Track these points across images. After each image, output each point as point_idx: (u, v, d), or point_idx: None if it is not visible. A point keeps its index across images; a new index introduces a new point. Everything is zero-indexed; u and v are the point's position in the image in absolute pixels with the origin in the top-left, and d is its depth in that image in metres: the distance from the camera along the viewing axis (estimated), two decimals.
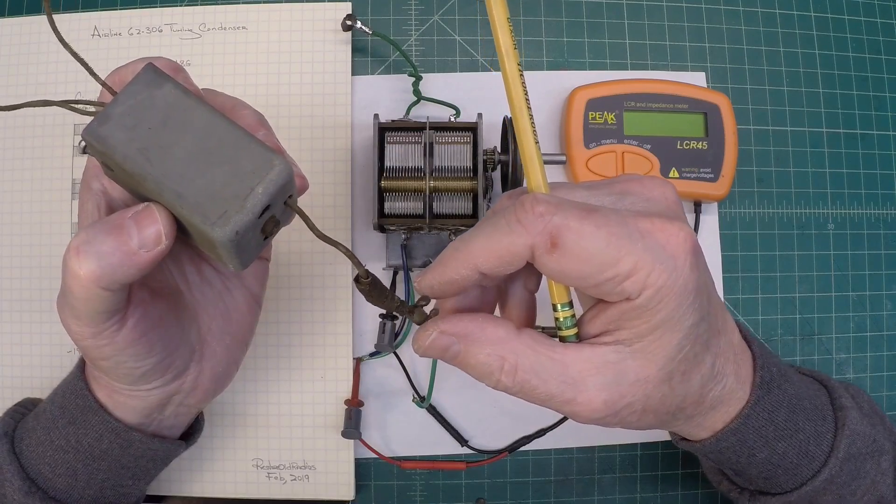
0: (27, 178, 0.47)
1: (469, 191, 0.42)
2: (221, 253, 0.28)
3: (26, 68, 0.47)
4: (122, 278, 0.28)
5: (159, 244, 0.28)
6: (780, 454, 0.34)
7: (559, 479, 0.47)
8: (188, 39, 0.48)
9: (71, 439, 0.35)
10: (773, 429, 0.33)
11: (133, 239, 0.27)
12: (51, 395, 0.37)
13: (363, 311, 0.47)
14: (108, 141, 0.27)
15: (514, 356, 0.28)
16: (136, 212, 0.28)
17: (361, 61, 0.49)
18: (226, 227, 0.26)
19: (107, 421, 0.34)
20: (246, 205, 0.26)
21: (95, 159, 0.31)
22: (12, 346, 0.46)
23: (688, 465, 0.48)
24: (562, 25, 0.49)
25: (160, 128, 0.27)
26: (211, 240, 0.27)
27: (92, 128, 0.27)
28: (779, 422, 0.33)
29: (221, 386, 0.38)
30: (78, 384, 0.35)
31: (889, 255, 0.50)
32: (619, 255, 0.26)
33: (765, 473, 0.35)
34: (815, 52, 0.50)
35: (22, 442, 0.36)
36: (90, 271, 0.27)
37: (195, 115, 0.28)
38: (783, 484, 0.36)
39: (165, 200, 0.27)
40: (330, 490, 0.46)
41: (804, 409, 0.34)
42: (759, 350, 0.34)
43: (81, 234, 0.28)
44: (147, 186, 0.27)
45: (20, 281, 0.47)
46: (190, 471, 0.46)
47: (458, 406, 0.47)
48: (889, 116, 0.51)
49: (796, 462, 0.34)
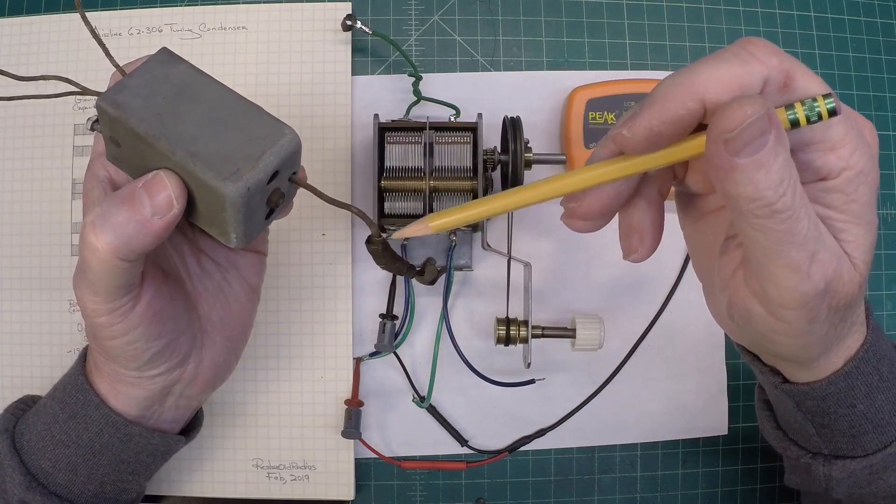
0: (27, 178, 0.47)
1: (469, 191, 0.42)
2: (228, 217, 0.28)
3: (26, 68, 0.47)
4: (139, 247, 0.28)
5: (171, 209, 0.28)
6: (877, 407, 0.32)
7: (559, 479, 0.47)
8: (188, 39, 0.48)
9: (71, 434, 0.35)
10: (878, 378, 0.32)
11: (146, 207, 0.28)
12: (51, 391, 0.37)
13: (363, 311, 0.47)
14: (124, 106, 0.28)
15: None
16: (147, 181, 0.28)
17: (361, 61, 0.49)
18: (238, 182, 0.27)
19: (107, 415, 0.35)
20: (258, 164, 0.27)
21: (100, 146, 0.31)
22: (12, 346, 0.46)
23: (688, 465, 0.48)
24: (562, 25, 0.49)
25: (174, 98, 0.28)
26: (221, 198, 0.27)
27: (108, 95, 0.28)
28: (883, 372, 0.32)
29: (221, 378, 0.38)
30: (78, 379, 0.35)
31: (889, 255, 0.50)
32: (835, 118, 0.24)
33: (855, 429, 0.34)
34: (815, 52, 0.50)
35: (23, 437, 0.36)
36: (107, 243, 0.28)
37: (209, 89, 0.29)
38: (866, 445, 0.34)
39: (177, 161, 0.28)
40: (330, 490, 0.46)
41: None
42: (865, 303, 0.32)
43: (96, 209, 0.29)
44: (160, 147, 0.27)
45: (20, 281, 0.47)
46: (190, 471, 0.46)
47: (458, 406, 0.47)
48: (889, 116, 0.51)
49: (888, 419, 0.33)
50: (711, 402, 0.48)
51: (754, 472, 0.48)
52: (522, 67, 0.49)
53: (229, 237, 0.29)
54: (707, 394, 0.48)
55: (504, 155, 0.42)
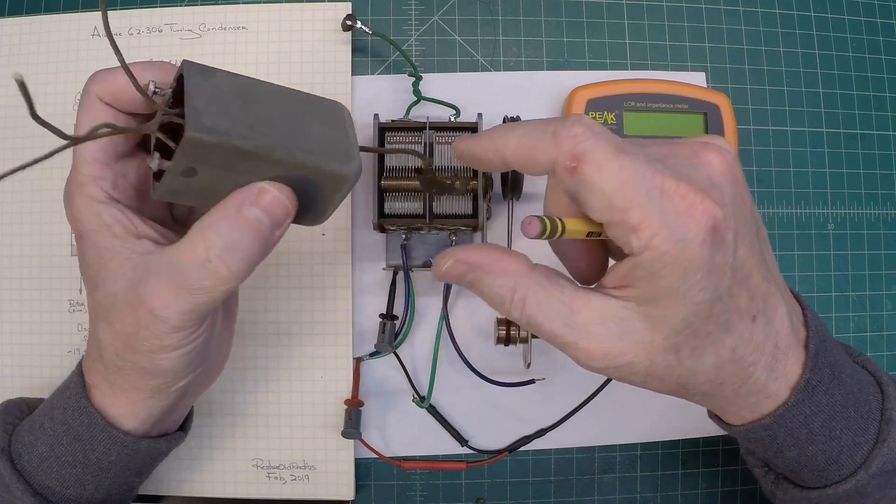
0: (27, 178, 0.47)
1: (469, 191, 0.42)
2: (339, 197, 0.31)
3: (26, 68, 0.47)
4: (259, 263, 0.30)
5: (288, 216, 0.30)
6: (808, 456, 0.33)
7: (559, 479, 0.47)
8: (188, 39, 0.48)
9: (78, 455, 0.35)
10: (807, 433, 0.32)
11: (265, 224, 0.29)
12: (46, 409, 0.36)
13: (363, 311, 0.47)
14: (220, 129, 0.27)
15: (523, 290, 0.29)
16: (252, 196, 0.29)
17: (361, 61, 0.49)
18: (353, 162, 0.29)
19: (114, 436, 0.34)
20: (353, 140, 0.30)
21: (90, 167, 0.31)
22: (12, 346, 0.46)
23: (688, 465, 0.48)
24: (562, 25, 0.49)
25: (246, 106, 0.28)
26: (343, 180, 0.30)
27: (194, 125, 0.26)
28: (814, 427, 0.32)
29: (220, 369, 0.38)
30: (80, 402, 0.34)
31: (889, 255, 0.50)
32: (630, 204, 0.26)
33: (790, 468, 0.34)
34: (815, 52, 0.50)
35: (22, 458, 0.35)
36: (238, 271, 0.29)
37: (260, 89, 0.29)
38: (807, 481, 0.35)
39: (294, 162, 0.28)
40: (330, 490, 0.46)
41: (846, 416, 0.32)
42: (817, 349, 0.31)
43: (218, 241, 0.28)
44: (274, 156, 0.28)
45: (20, 281, 0.47)
46: (190, 471, 0.46)
47: (458, 406, 0.47)
48: (889, 116, 0.51)
49: (824, 466, 0.33)
50: None
51: None
52: (522, 67, 0.49)
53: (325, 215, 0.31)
54: None
55: None
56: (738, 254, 0.27)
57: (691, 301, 0.27)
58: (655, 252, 0.26)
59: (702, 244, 0.26)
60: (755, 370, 0.30)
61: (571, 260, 0.33)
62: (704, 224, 0.26)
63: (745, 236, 0.28)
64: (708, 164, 0.28)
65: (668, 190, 0.26)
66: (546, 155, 0.27)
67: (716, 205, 0.26)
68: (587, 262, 0.32)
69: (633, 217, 0.26)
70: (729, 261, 0.27)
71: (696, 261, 0.26)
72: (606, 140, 0.26)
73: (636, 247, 0.26)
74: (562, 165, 0.27)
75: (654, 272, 0.26)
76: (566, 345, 0.29)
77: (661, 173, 0.26)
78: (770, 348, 0.30)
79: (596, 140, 0.26)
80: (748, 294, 0.29)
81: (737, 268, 0.28)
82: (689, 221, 0.26)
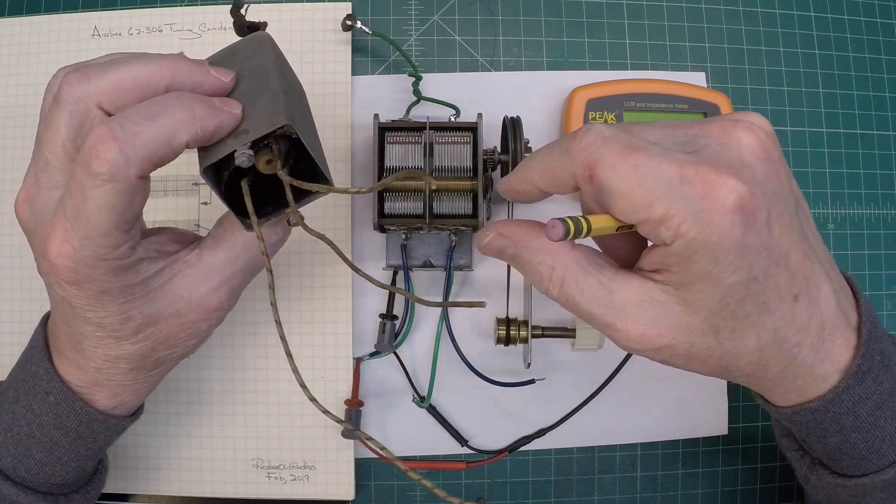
0: None
1: (469, 191, 0.42)
2: None
3: (26, 68, 0.47)
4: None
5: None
6: (851, 444, 0.32)
7: (559, 479, 0.47)
8: (188, 39, 0.48)
9: (80, 450, 0.35)
10: (853, 419, 0.31)
11: None
12: (31, 416, 0.34)
13: (363, 311, 0.47)
14: None
15: (562, 268, 0.29)
16: None
17: (361, 61, 0.49)
18: None
19: (112, 425, 0.35)
20: None
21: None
22: (12, 346, 0.46)
23: (688, 465, 0.48)
24: (562, 25, 0.49)
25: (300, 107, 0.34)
26: None
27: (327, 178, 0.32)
28: (861, 414, 0.31)
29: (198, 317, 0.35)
30: (76, 404, 0.34)
31: (889, 255, 0.50)
32: (652, 198, 0.26)
33: (829, 454, 0.34)
34: (815, 52, 0.50)
35: (19, 468, 0.35)
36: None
37: None
38: (844, 468, 0.34)
39: None
40: (330, 490, 0.46)
41: (892, 406, 0.32)
42: (870, 334, 0.31)
43: None
44: None
45: (20, 281, 0.47)
46: (190, 471, 0.46)
47: (458, 406, 0.47)
48: (889, 116, 0.51)
49: (865, 455, 0.33)
50: (711, 402, 0.48)
51: (754, 472, 0.48)
52: (522, 67, 0.49)
53: None
54: (707, 394, 0.48)
55: (504, 155, 0.42)
56: (774, 232, 0.27)
57: (725, 283, 0.27)
58: (685, 239, 0.26)
59: (731, 225, 0.26)
60: (800, 350, 0.29)
61: (608, 246, 0.32)
62: (730, 204, 0.26)
63: (780, 214, 0.27)
64: (738, 143, 0.27)
65: (688, 176, 0.26)
66: (565, 171, 0.28)
67: (742, 183, 0.26)
68: (624, 247, 0.32)
69: (658, 210, 0.26)
70: (763, 240, 0.27)
71: (726, 242, 0.26)
72: (617, 142, 0.27)
73: (666, 237, 0.26)
74: (580, 177, 0.27)
75: (686, 258, 0.26)
76: (605, 325, 0.29)
77: (678, 162, 0.26)
78: (815, 328, 0.29)
79: (606, 145, 0.27)
80: (787, 273, 0.28)
81: (773, 247, 0.27)
82: (714, 204, 0.26)
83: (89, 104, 0.29)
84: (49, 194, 0.31)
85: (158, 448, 0.46)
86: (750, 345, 0.29)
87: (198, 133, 0.29)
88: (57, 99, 0.30)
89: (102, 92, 0.29)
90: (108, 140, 0.27)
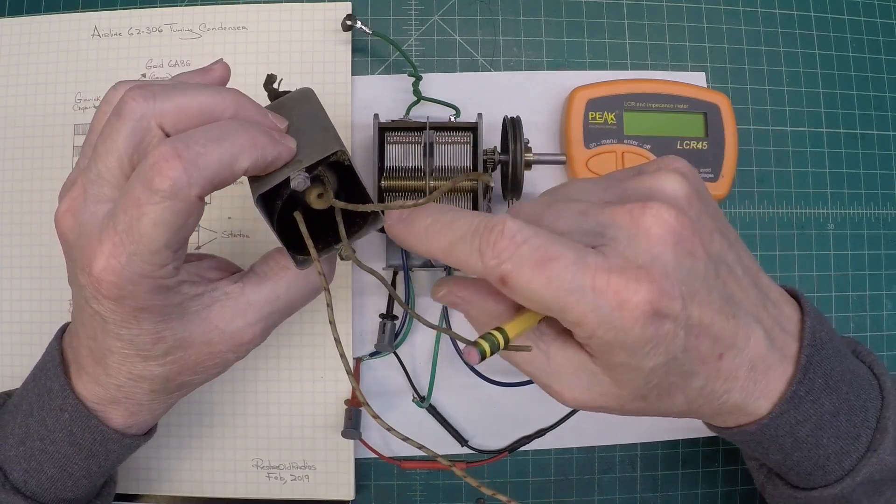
0: (27, 178, 0.47)
1: (469, 191, 0.42)
2: None
3: (26, 68, 0.47)
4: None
5: None
6: (794, 461, 0.33)
7: (559, 479, 0.47)
8: (188, 39, 0.48)
9: (93, 468, 0.35)
10: (792, 441, 0.32)
11: None
12: (45, 432, 0.34)
13: (363, 311, 0.47)
14: None
15: None
16: None
17: (361, 61, 0.49)
18: None
19: (126, 443, 0.35)
20: None
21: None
22: (12, 346, 0.46)
23: (688, 465, 0.48)
24: (562, 25, 0.49)
25: None
26: None
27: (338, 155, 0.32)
28: (800, 435, 0.32)
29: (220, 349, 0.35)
30: (90, 421, 0.34)
31: (889, 255, 0.50)
32: (566, 306, 0.27)
33: (776, 468, 0.35)
34: (815, 52, 0.50)
35: (31, 482, 0.35)
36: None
37: None
38: (795, 482, 0.35)
39: None
40: (330, 490, 0.46)
41: (835, 425, 0.32)
42: (809, 360, 0.31)
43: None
44: None
45: (20, 281, 0.47)
46: (190, 471, 0.46)
47: (458, 406, 0.47)
48: (889, 116, 0.51)
49: (810, 471, 0.33)
50: None
51: None
52: (522, 67, 0.49)
53: None
54: None
55: (504, 155, 0.42)
56: (692, 313, 0.28)
57: (646, 368, 0.28)
58: (600, 341, 0.28)
59: (643, 326, 0.27)
60: (731, 395, 0.31)
61: None
62: (640, 311, 0.26)
63: (696, 292, 0.28)
64: (646, 235, 0.28)
65: (600, 287, 0.26)
66: (475, 269, 0.28)
67: (652, 284, 0.26)
68: None
69: (572, 315, 0.27)
70: (680, 325, 0.27)
71: (639, 340, 0.27)
72: (530, 248, 0.27)
73: (582, 337, 0.28)
74: (492, 280, 0.28)
75: (604, 352, 0.28)
76: (543, 385, 0.32)
77: (591, 270, 0.27)
78: (744, 373, 0.30)
79: (520, 256, 0.27)
80: (710, 340, 0.29)
81: (691, 325, 0.28)
82: (625, 314, 0.26)
83: (151, 123, 0.29)
84: (96, 207, 0.30)
85: (158, 448, 0.46)
86: (679, 402, 0.30)
87: (258, 160, 0.29)
88: (119, 113, 0.29)
89: (167, 113, 0.29)
90: (173, 158, 0.27)
